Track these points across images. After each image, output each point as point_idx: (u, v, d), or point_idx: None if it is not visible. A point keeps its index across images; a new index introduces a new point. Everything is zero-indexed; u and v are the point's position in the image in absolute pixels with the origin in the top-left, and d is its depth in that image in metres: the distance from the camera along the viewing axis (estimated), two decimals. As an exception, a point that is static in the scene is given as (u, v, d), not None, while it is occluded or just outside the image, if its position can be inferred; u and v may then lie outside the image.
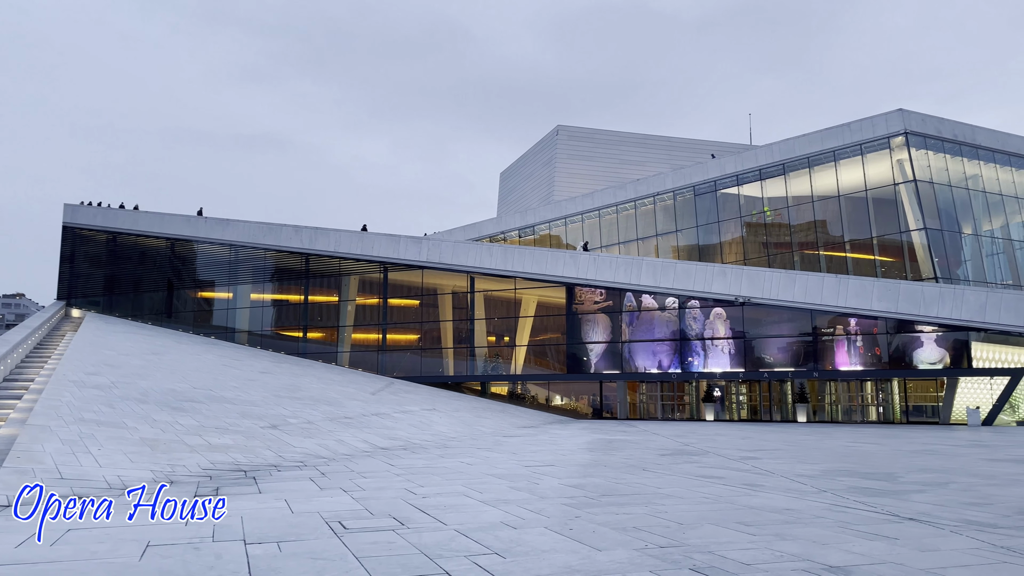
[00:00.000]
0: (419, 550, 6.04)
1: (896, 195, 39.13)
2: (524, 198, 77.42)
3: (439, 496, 9.22)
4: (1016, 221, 41.73)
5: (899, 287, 33.58)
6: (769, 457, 15.41)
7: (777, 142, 44.11)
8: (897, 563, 5.62)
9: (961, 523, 7.42)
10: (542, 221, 55.15)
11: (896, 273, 38.80)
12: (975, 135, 40.53)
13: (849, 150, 40.55)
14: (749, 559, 5.75)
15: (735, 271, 37.08)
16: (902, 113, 38.87)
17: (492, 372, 42.92)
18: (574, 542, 6.39)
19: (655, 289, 38.20)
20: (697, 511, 8.16)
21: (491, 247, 43.21)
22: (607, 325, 39.49)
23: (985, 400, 32.52)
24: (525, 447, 18.03)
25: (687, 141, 74.73)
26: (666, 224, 48.85)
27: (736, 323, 36.88)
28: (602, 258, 40.28)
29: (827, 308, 34.72)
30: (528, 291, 42.15)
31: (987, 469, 13.01)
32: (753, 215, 45.06)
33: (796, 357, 35.98)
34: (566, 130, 72.38)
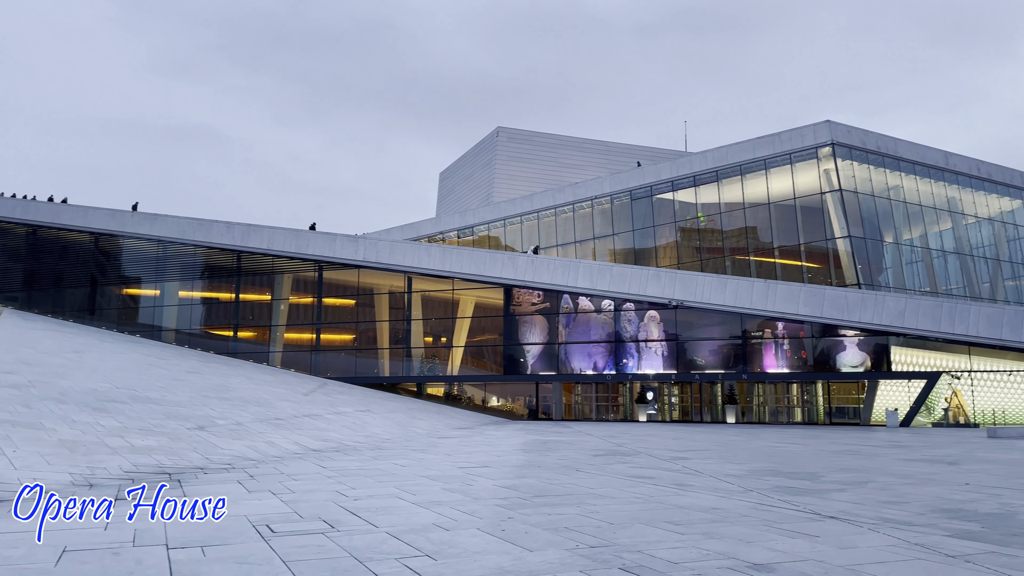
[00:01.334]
0: (349, 553, 5.96)
1: (823, 204, 40.48)
2: (463, 199, 77.34)
3: (371, 498, 9.12)
4: (934, 231, 43.66)
5: (824, 293, 34.75)
6: (699, 457, 15.74)
7: (711, 150, 45.15)
8: (817, 560, 5.80)
9: (879, 521, 7.71)
10: (481, 222, 55.19)
11: (822, 279, 40.14)
12: (897, 147, 42.26)
13: (779, 159, 41.78)
14: (677, 558, 5.85)
15: (669, 275, 37.79)
16: (829, 125, 40.24)
17: (428, 373, 42.71)
18: (506, 543, 6.40)
19: (592, 291, 38.62)
20: (628, 511, 8.27)
21: (429, 247, 43.03)
22: (544, 327, 39.74)
23: (903, 402, 33.90)
24: (460, 448, 17.99)
25: (624, 146, 75.84)
26: (603, 227, 49.45)
27: (669, 326, 37.58)
28: (540, 260, 40.52)
29: (756, 312, 35.68)
30: (466, 292, 42.11)
31: (903, 469, 13.56)
32: (687, 220, 46.01)
33: (726, 359, 36.86)
34: (506, 132, 72.61)
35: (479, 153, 76.21)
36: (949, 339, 32.44)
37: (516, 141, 72.46)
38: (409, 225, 59.60)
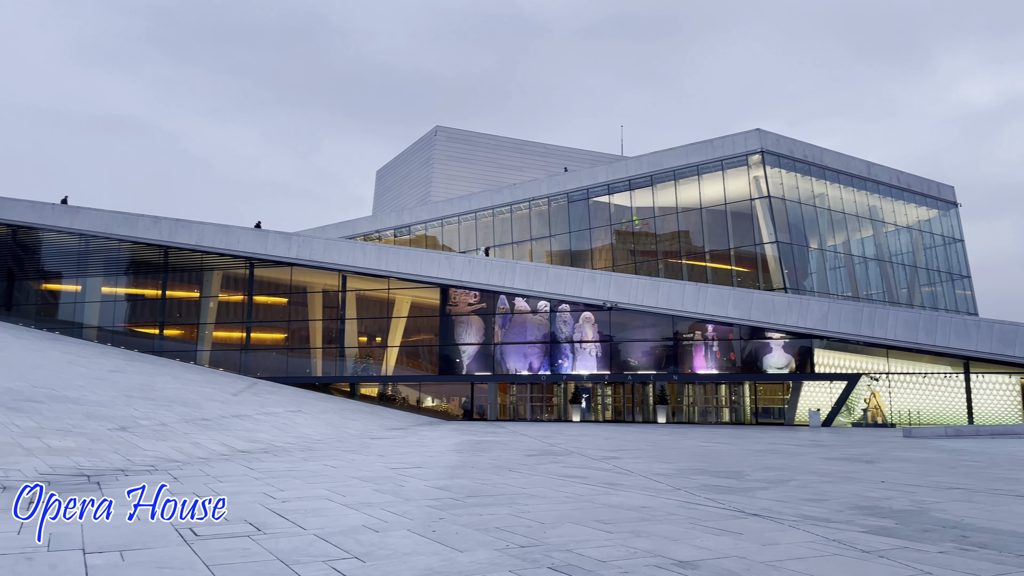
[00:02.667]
0: (275, 556, 5.86)
1: (752, 210, 41.61)
2: (400, 197, 76.75)
3: (300, 500, 8.98)
4: (856, 238, 45.35)
5: (752, 296, 35.72)
6: (630, 457, 15.99)
7: (646, 154, 45.91)
8: (740, 557, 5.96)
9: (799, 518, 7.97)
10: (418, 221, 54.86)
11: (751, 283, 41.26)
12: (823, 156, 43.75)
13: (711, 165, 42.77)
14: (605, 556, 5.94)
15: (604, 277, 38.27)
16: (759, 133, 41.40)
17: (362, 373, 42.24)
18: (437, 544, 6.39)
19: (528, 292, 38.81)
20: (559, 510, 8.35)
21: (365, 246, 42.55)
22: (480, 327, 39.75)
23: (825, 403, 35.10)
24: (393, 449, 17.86)
25: (563, 149, 76.44)
26: (540, 229, 49.75)
27: (604, 327, 38.06)
28: (477, 260, 40.52)
29: (688, 314, 36.44)
30: (402, 291, 41.80)
31: (824, 467, 14.04)
32: (623, 223, 46.68)
33: (658, 361, 37.53)
34: (444, 131, 72.36)
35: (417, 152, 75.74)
36: (869, 342, 33.75)
37: (455, 141, 72.26)
38: (345, 223, 58.82)
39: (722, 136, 42.78)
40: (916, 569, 5.56)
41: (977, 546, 6.42)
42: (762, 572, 5.43)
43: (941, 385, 34.04)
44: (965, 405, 33.20)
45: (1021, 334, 31.39)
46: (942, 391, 33.99)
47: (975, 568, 5.57)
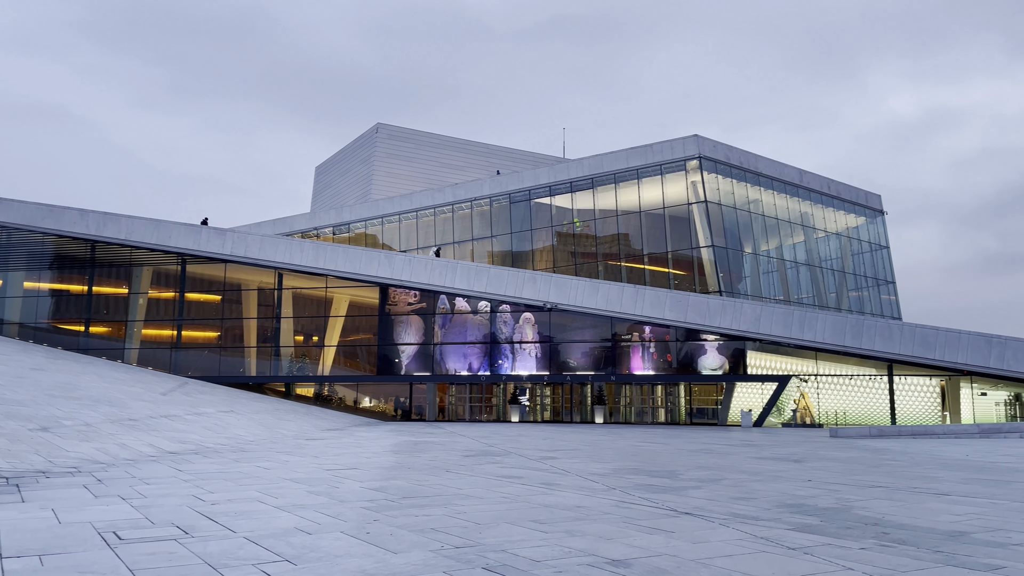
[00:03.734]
0: (203, 560, 5.71)
1: (690, 214, 42.42)
2: (340, 195, 75.71)
3: (230, 502, 8.77)
4: (788, 243, 46.68)
5: (688, 299, 36.42)
6: (567, 457, 16.11)
7: (587, 157, 46.36)
8: (671, 555, 6.06)
9: (729, 516, 8.14)
10: (358, 219, 54.21)
11: (687, 286, 42.05)
12: (758, 163, 44.89)
13: (651, 169, 43.44)
14: (539, 556, 5.96)
15: (544, 278, 38.49)
16: (697, 139, 42.23)
17: (298, 373, 41.53)
18: (370, 545, 6.32)
19: (469, 293, 38.76)
20: (495, 511, 8.35)
21: (302, 243, 41.85)
22: (420, 327, 39.52)
23: (757, 404, 36.02)
24: (328, 450, 17.61)
25: (505, 149, 76.53)
26: (482, 229, 49.75)
27: (544, 328, 38.27)
28: (417, 260, 40.28)
29: (626, 316, 36.93)
30: (340, 290, 41.26)
31: (754, 466, 14.40)
32: (564, 225, 47.02)
33: (597, 361, 37.93)
34: (386, 129, 71.69)
35: (358, 149, 74.85)
36: (799, 344, 34.77)
37: (397, 139, 71.65)
38: (281, 219, 57.72)
39: (661, 141, 43.50)
40: (838, 565, 5.73)
41: (896, 542, 6.66)
42: (692, 570, 5.53)
43: (866, 387, 35.30)
44: (888, 406, 34.50)
45: (941, 338, 32.77)
46: (867, 392, 35.25)
47: (894, 563, 5.78)
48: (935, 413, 34.67)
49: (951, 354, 32.50)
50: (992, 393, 34.35)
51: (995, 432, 25.52)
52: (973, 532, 7.13)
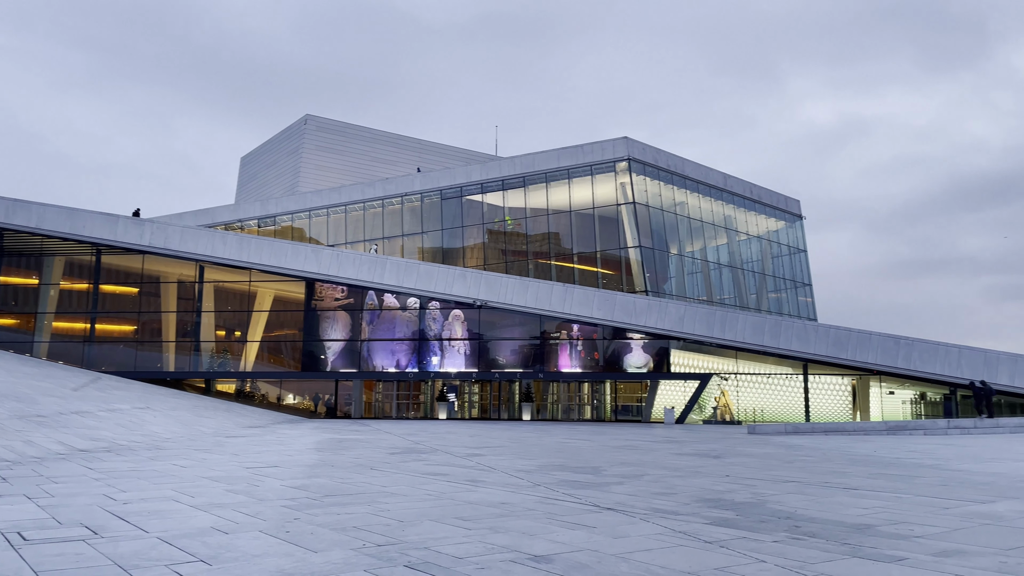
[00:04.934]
0: (112, 561, 5.50)
1: (618, 214, 43.09)
2: (266, 186, 73.99)
3: (143, 502, 8.47)
4: (712, 245, 47.92)
5: (615, 298, 36.99)
6: (493, 454, 16.16)
7: (519, 156, 46.56)
8: (593, 550, 6.15)
9: (650, 511, 8.31)
10: (285, 212, 53.08)
11: (615, 285, 42.71)
12: (684, 167, 45.92)
13: (581, 170, 43.93)
14: (462, 553, 5.96)
15: (475, 275, 38.48)
16: (627, 141, 42.91)
17: (219, 368, 40.40)
18: (289, 545, 6.20)
19: (398, 289, 38.43)
20: (419, 508, 8.31)
21: (226, 235, 40.72)
22: (347, 323, 38.98)
23: (679, 401, 36.87)
24: (249, 448, 17.20)
25: (438, 145, 76.19)
26: (413, 225, 49.39)
27: (473, 325, 38.27)
28: (345, 255, 39.71)
29: (555, 314, 37.26)
30: (265, 284, 40.33)
31: (675, 462, 14.73)
32: (495, 223, 47.11)
33: (525, 359, 38.16)
34: (315, 120, 70.40)
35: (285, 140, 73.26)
36: (721, 344, 35.75)
37: (326, 131, 70.42)
38: (204, 211, 56.01)
39: (592, 142, 44.04)
40: (752, 558, 5.92)
41: (807, 535, 6.92)
42: (612, 564, 5.63)
43: (783, 385, 36.55)
44: (803, 404, 35.81)
45: (853, 339, 34.19)
46: (784, 391, 36.50)
47: (804, 556, 6.00)
48: (846, 411, 36.16)
49: (862, 354, 33.94)
50: (899, 392, 36.04)
51: (901, 429, 26.79)
52: (878, 525, 7.47)
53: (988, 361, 32.34)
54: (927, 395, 36.01)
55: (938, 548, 6.28)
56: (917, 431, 26.56)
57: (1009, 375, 32.01)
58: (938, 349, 33.10)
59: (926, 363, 33.12)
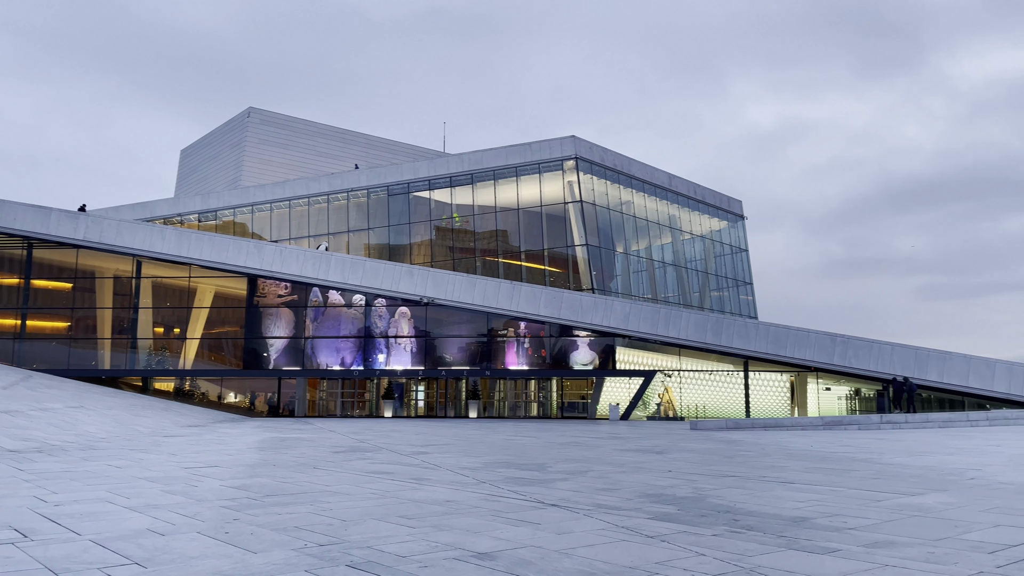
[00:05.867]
0: (43, 565, 5.32)
1: (566, 213, 43.35)
2: (207, 180, 72.26)
3: (76, 504, 8.21)
4: (657, 244, 48.59)
5: (562, 296, 37.23)
6: (439, 452, 16.11)
7: (467, 152, 46.46)
8: (536, 546, 6.19)
9: (593, 507, 8.40)
10: (227, 206, 51.90)
11: (562, 283, 42.97)
12: (631, 166, 46.44)
13: (529, 168, 44.05)
14: (406, 551, 5.93)
15: (422, 272, 38.27)
16: (575, 140, 43.19)
17: (157, 366, 39.36)
18: (228, 546, 6.08)
19: (343, 285, 37.98)
20: (362, 507, 8.24)
21: (164, 229, 39.67)
22: (290, 320, 38.38)
23: (624, 398, 37.31)
24: (187, 447, 16.81)
25: (385, 141, 75.44)
26: (359, 221, 48.84)
27: (420, 322, 38.06)
28: (289, 251, 39.08)
29: (502, 312, 37.32)
30: (205, 280, 39.42)
31: (619, 458, 14.91)
32: (443, 220, 46.91)
33: (472, 356, 38.12)
34: (259, 113, 69.01)
35: (228, 133, 71.64)
36: (665, 341, 36.29)
37: (270, 124, 69.07)
38: (142, 204, 54.40)
39: (540, 140, 44.19)
40: (691, 551, 6.03)
41: (745, 528, 7.08)
42: (555, 560, 5.67)
43: (725, 382, 37.30)
44: (744, 400, 36.61)
45: (792, 337, 35.08)
46: (725, 387, 37.25)
47: (742, 548, 6.14)
48: (785, 407, 37.10)
49: (800, 352, 34.85)
50: (835, 388, 37.11)
51: (837, 424, 27.61)
52: (814, 517, 7.69)
53: (919, 358, 33.54)
54: (861, 391, 37.16)
55: (870, 539, 6.49)
56: (852, 426, 27.41)
57: (938, 372, 33.26)
58: (872, 346, 34.19)
59: (861, 360, 34.18)
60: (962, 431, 25.02)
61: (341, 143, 72.23)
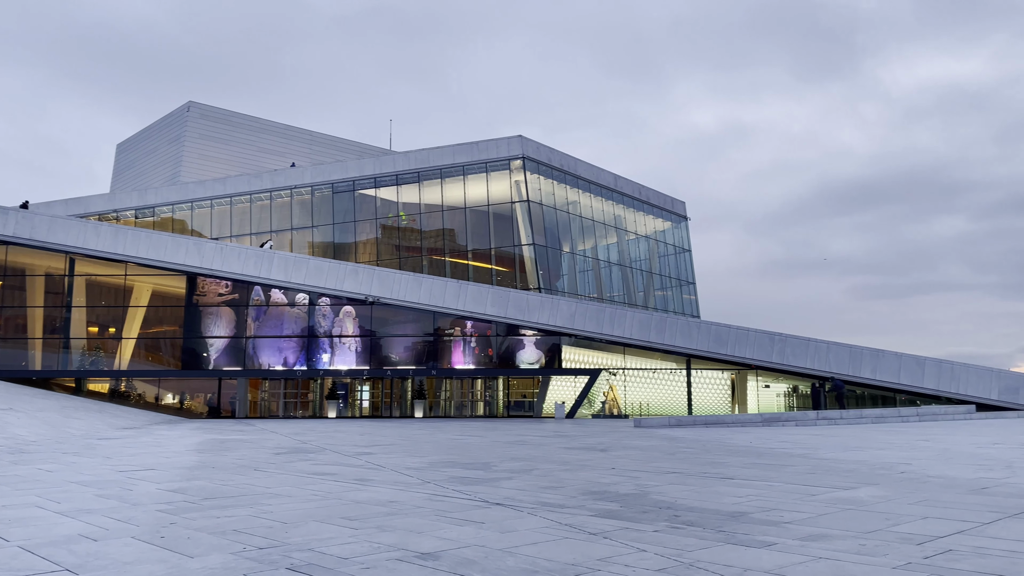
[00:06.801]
0: (-36, 576, 5.10)
1: (513, 212, 43.46)
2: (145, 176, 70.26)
3: (4, 509, 7.91)
4: (603, 244, 49.07)
5: (509, 295, 37.32)
6: (383, 452, 15.99)
7: (414, 151, 46.20)
8: (480, 545, 6.19)
9: (537, 505, 8.44)
10: (165, 203, 50.52)
11: (509, 282, 43.07)
12: (577, 167, 46.79)
13: (476, 167, 44.03)
14: (348, 553, 5.88)
15: (367, 271, 37.91)
16: (522, 140, 43.33)
17: (92, 367, 38.12)
18: (164, 551, 5.93)
19: (286, 284, 37.38)
20: (304, 509, 8.13)
21: (99, 226, 38.45)
22: (231, 319, 37.59)
23: (570, 396, 37.61)
24: (123, 450, 16.33)
25: (330, 138, 74.45)
26: (302, 219, 48.10)
27: (365, 322, 37.70)
28: (230, 248, 38.27)
29: (449, 311, 37.22)
30: (142, 278, 38.35)
31: (564, 456, 15.02)
32: (388, 218, 46.54)
33: (418, 356, 37.93)
34: (199, 107, 67.38)
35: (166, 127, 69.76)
36: (609, 340, 36.69)
37: (211, 119, 67.50)
38: (76, 200, 52.58)
39: (487, 139, 44.21)
40: (633, 547, 6.12)
41: (685, 524, 7.21)
42: (498, 559, 5.68)
43: (668, 380, 37.90)
44: (686, 397, 37.25)
45: (732, 335, 35.83)
46: (668, 385, 37.86)
47: (682, 544, 6.25)
48: (726, 404, 37.88)
49: (741, 350, 35.63)
50: (774, 385, 38.05)
51: (775, 420, 28.31)
52: (751, 512, 7.87)
53: (853, 356, 34.62)
54: (799, 388, 38.18)
55: (804, 533, 6.68)
56: (789, 422, 28.14)
57: (871, 369, 34.38)
58: (809, 345, 35.15)
59: (798, 358, 35.11)
60: (894, 426, 25.92)
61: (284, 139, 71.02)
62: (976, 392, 33.10)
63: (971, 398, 32.99)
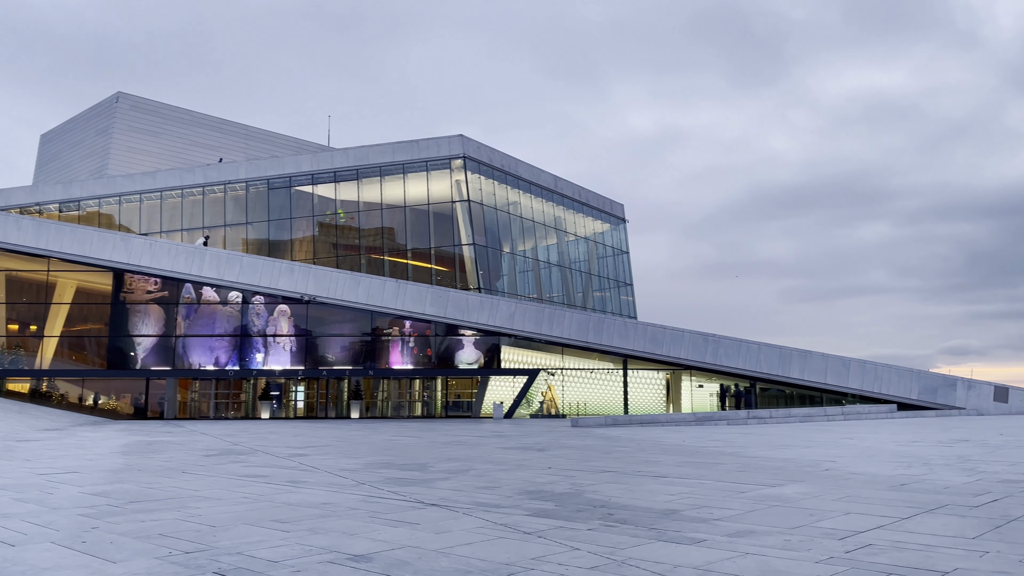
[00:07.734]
0: None
1: (453, 212, 43.32)
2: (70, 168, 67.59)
3: (-91, 517, 7.50)
4: (543, 244, 49.35)
5: (448, 294, 37.20)
6: (317, 453, 15.76)
7: (353, 148, 45.61)
8: (414, 546, 6.16)
9: (473, 505, 8.44)
10: (92, 196, 48.67)
11: (449, 282, 42.92)
12: (517, 167, 46.93)
13: (417, 165, 43.73)
14: (278, 556, 5.77)
15: (303, 269, 37.29)
16: (462, 139, 43.23)
17: (11, 366, 36.53)
18: (86, 556, 5.73)
19: (218, 282, 36.48)
20: (234, 512, 7.95)
21: (20, 219, 36.87)
22: (160, 317, 36.50)
23: (508, 396, 37.69)
24: (44, 453, 15.70)
25: (266, 132, 72.89)
26: (237, 215, 46.97)
27: (300, 321, 37.07)
28: (160, 244, 37.16)
29: (387, 310, 36.89)
30: (66, 274, 36.91)
31: (501, 456, 15.05)
32: (326, 216, 45.83)
33: (355, 356, 37.48)
34: (128, 99, 65.16)
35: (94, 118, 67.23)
36: (548, 340, 36.92)
37: (140, 111, 65.31)
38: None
39: (427, 138, 43.95)
40: (567, 546, 6.18)
41: (619, 522, 7.31)
42: (432, 560, 5.66)
43: (605, 379, 38.35)
44: (623, 397, 37.76)
45: (667, 336, 36.47)
46: (606, 385, 38.31)
47: (615, 541, 6.34)
48: (661, 403, 38.54)
49: (675, 350, 36.29)
50: (707, 385, 38.87)
51: (708, 420, 28.94)
52: (683, 509, 8.03)
53: (782, 357, 35.64)
54: (731, 388, 39.07)
55: (733, 529, 6.85)
56: (721, 421, 28.80)
57: (800, 369, 35.45)
58: (740, 346, 36.04)
59: (730, 358, 35.95)
60: (820, 425, 26.79)
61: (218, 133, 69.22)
62: (898, 392, 34.44)
63: (893, 398, 34.31)
